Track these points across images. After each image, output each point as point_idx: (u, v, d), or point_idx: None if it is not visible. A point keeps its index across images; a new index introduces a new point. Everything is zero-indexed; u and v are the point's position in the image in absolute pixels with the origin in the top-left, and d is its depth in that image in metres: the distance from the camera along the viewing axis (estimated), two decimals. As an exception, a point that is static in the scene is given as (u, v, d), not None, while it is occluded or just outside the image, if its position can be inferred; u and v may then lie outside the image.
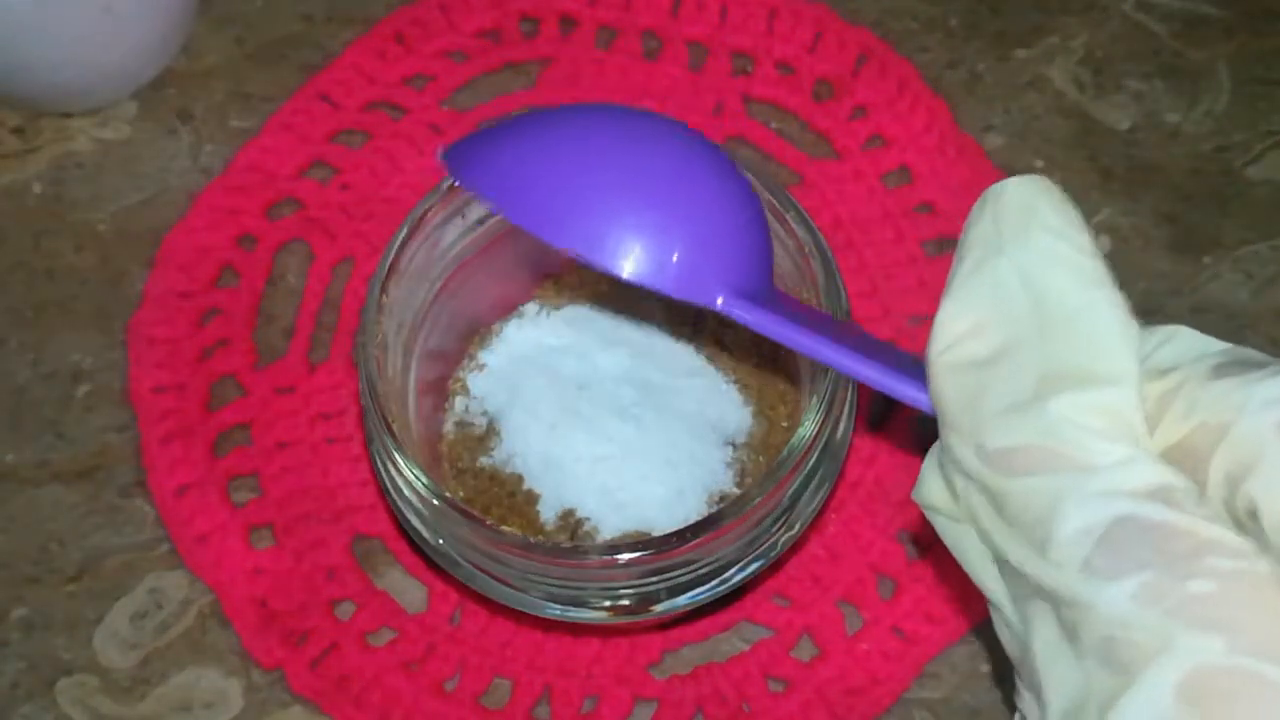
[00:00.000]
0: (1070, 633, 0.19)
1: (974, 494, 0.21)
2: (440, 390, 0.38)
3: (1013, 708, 0.21)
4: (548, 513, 0.36)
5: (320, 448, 0.40)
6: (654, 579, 0.33)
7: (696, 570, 0.33)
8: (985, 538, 0.21)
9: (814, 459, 0.33)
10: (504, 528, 0.32)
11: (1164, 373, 0.20)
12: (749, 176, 0.29)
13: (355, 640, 0.38)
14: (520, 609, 0.34)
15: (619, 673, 0.38)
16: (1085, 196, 0.43)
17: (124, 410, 0.41)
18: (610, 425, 0.37)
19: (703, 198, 0.26)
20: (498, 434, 0.38)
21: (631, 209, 0.25)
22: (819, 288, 0.33)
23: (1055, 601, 0.19)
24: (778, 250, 0.35)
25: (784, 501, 0.33)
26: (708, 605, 0.36)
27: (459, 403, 0.38)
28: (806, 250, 0.34)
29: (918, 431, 0.40)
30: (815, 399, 0.32)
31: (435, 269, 0.36)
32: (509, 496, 0.37)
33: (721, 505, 0.35)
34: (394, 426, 0.32)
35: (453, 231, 0.36)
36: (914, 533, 0.39)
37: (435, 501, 0.32)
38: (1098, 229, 0.43)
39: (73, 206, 0.43)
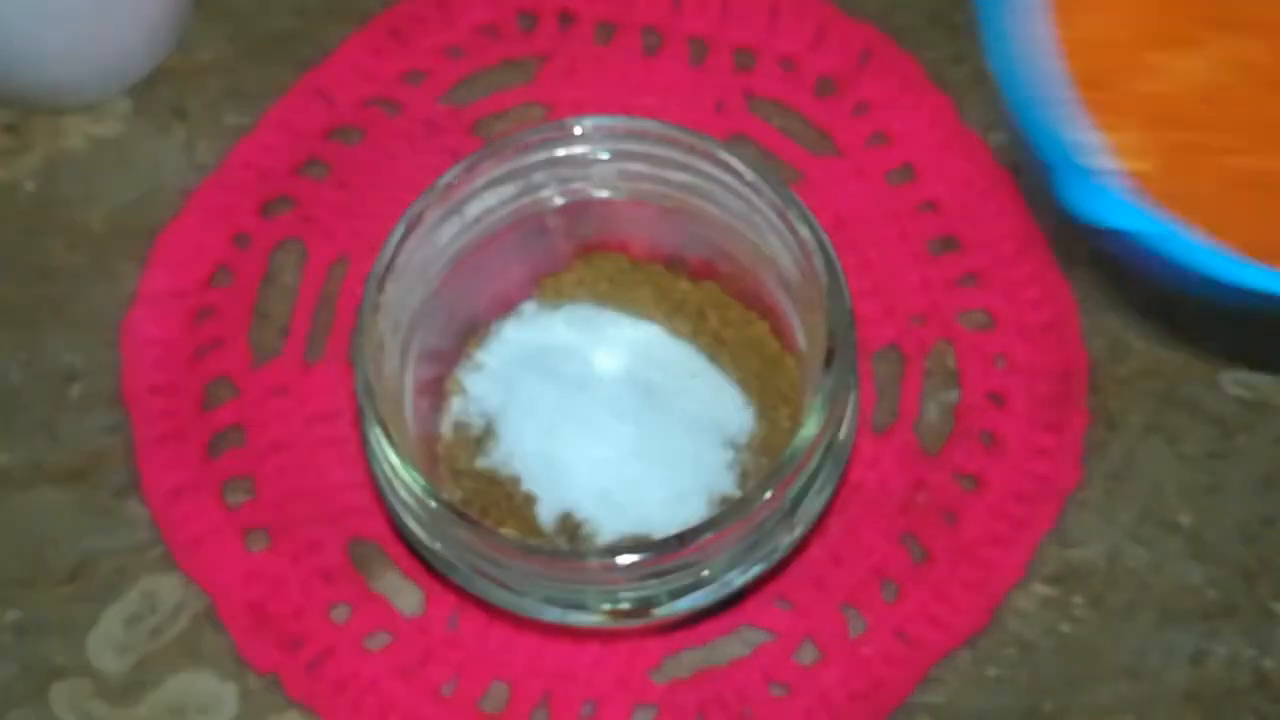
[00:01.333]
0: None
1: None
2: (437, 391, 0.38)
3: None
4: (546, 515, 0.36)
5: (316, 449, 0.40)
6: (654, 582, 0.32)
7: (697, 573, 0.33)
8: None
9: (816, 461, 0.33)
10: (502, 530, 0.32)
11: None
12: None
13: (351, 644, 0.38)
14: (518, 613, 0.34)
15: (618, 677, 0.37)
16: (1091, 194, 0.43)
17: (117, 411, 0.40)
18: (610, 426, 0.37)
19: None
20: (495, 435, 0.37)
21: None
22: (822, 286, 0.33)
23: None
24: (780, 249, 0.35)
25: (786, 504, 0.33)
26: (708, 609, 0.35)
27: (456, 403, 0.38)
28: (809, 249, 0.33)
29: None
30: (818, 400, 0.32)
31: (432, 268, 0.36)
32: (507, 498, 0.36)
33: (723, 507, 0.35)
34: (390, 428, 0.32)
35: (450, 229, 0.36)
36: (918, 536, 0.39)
37: (432, 504, 0.32)
38: (1103, 227, 0.42)
39: (65, 204, 0.43)
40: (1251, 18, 0.25)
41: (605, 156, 0.36)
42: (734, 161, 0.34)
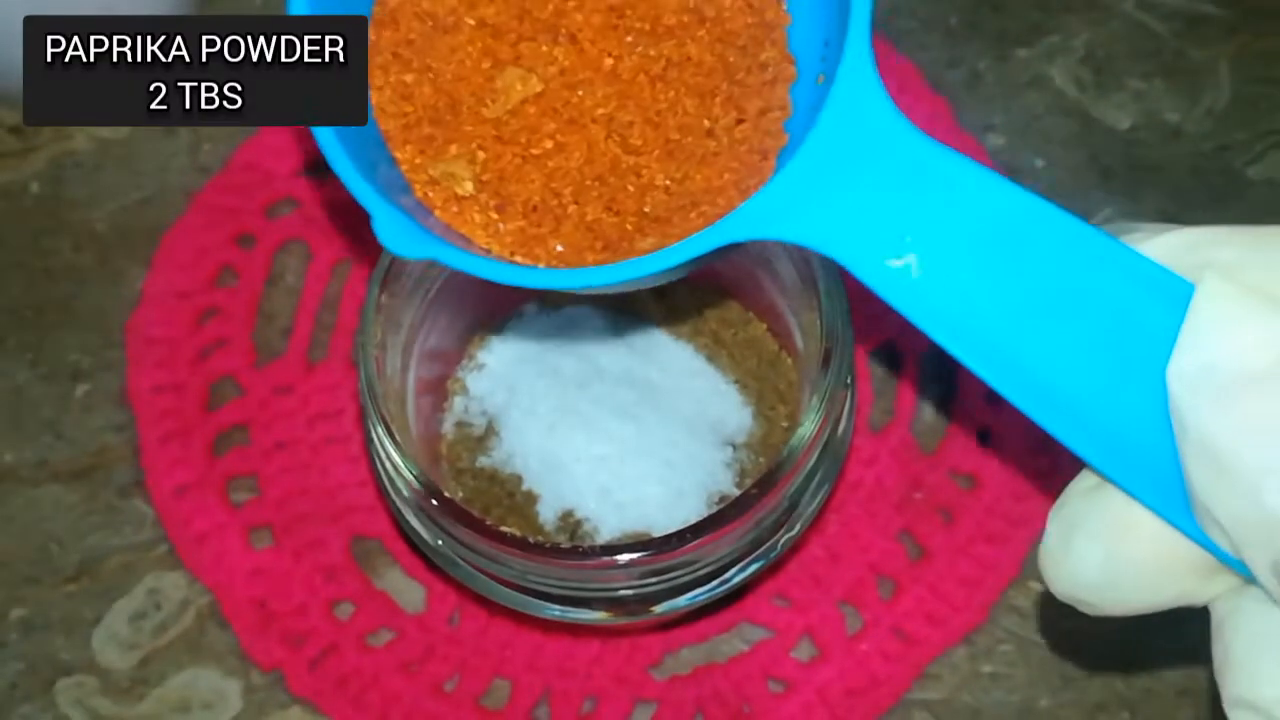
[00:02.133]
0: None
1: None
2: (439, 390, 0.38)
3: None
4: (547, 513, 0.36)
5: (319, 448, 0.40)
6: (653, 580, 0.33)
7: (696, 571, 0.33)
8: None
9: (814, 459, 0.33)
10: (503, 529, 0.32)
11: None
12: None
13: (354, 641, 0.38)
14: (519, 610, 0.34)
15: (619, 674, 0.38)
16: (1086, 196, 0.43)
17: (122, 410, 0.41)
18: (610, 425, 0.37)
19: None
20: (497, 434, 0.37)
21: None
22: (819, 286, 0.33)
23: None
24: (779, 252, 0.35)
25: (784, 502, 0.33)
26: (708, 606, 0.36)
27: (458, 403, 0.38)
28: (808, 250, 0.33)
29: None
30: (815, 399, 0.32)
31: (435, 269, 0.36)
32: (508, 497, 0.37)
33: (721, 506, 0.35)
34: (393, 427, 0.32)
35: (452, 231, 0.36)
36: (915, 534, 0.39)
37: (434, 502, 0.32)
38: (1099, 228, 0.42)
39: (71, 206, 0.43)
40: (550, 24, 0.28)
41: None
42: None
